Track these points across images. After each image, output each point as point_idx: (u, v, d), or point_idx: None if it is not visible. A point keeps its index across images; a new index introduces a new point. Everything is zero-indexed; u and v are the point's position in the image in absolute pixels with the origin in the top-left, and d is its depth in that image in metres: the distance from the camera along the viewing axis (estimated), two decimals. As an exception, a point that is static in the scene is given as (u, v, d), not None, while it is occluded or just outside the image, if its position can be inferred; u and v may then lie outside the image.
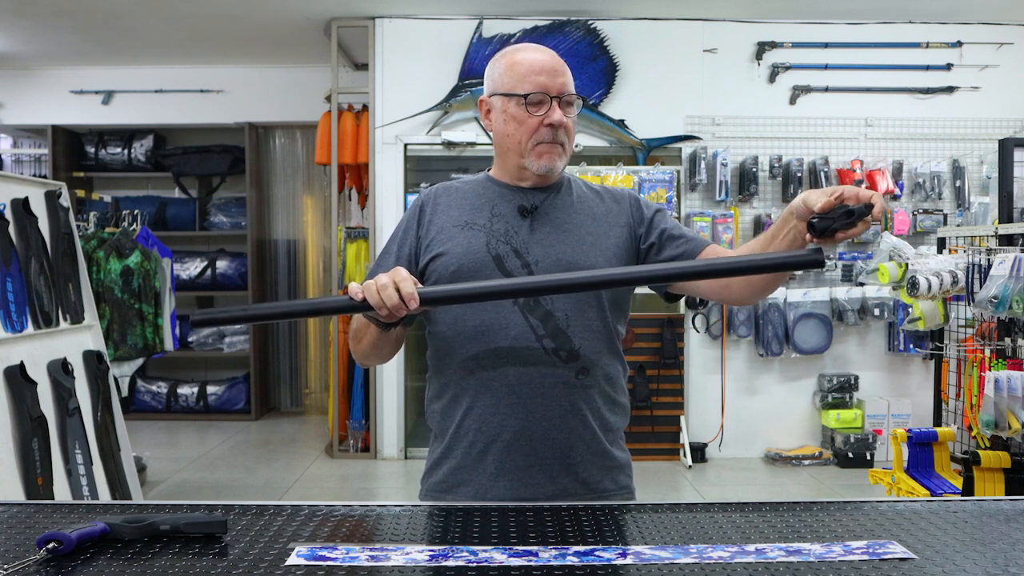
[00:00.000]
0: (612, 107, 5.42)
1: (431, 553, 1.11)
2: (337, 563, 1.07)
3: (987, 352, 3.38)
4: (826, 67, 5.46)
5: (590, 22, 5.36)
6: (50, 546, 1.08)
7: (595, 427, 1.52)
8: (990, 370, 3.20)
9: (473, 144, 5.42)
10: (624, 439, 1.62)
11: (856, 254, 5.36)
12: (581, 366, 1.49)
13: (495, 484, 1.50)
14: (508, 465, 1.49)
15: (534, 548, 1.12)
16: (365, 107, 5.59)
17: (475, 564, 1.06)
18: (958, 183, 5.39)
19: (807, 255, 1.33)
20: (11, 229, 3.13)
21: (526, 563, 1.06)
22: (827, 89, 5.46)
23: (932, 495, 3.19)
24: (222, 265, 6.83)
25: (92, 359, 3.48)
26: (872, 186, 5.30)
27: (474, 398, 1.51)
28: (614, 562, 1.08)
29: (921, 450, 3.44)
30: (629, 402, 1.63)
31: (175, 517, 1.17)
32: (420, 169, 5.69)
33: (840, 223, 1.29)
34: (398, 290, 1.30)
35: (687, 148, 5.43)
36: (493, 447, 1.50)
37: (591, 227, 1.56)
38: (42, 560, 1.07)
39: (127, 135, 6.91)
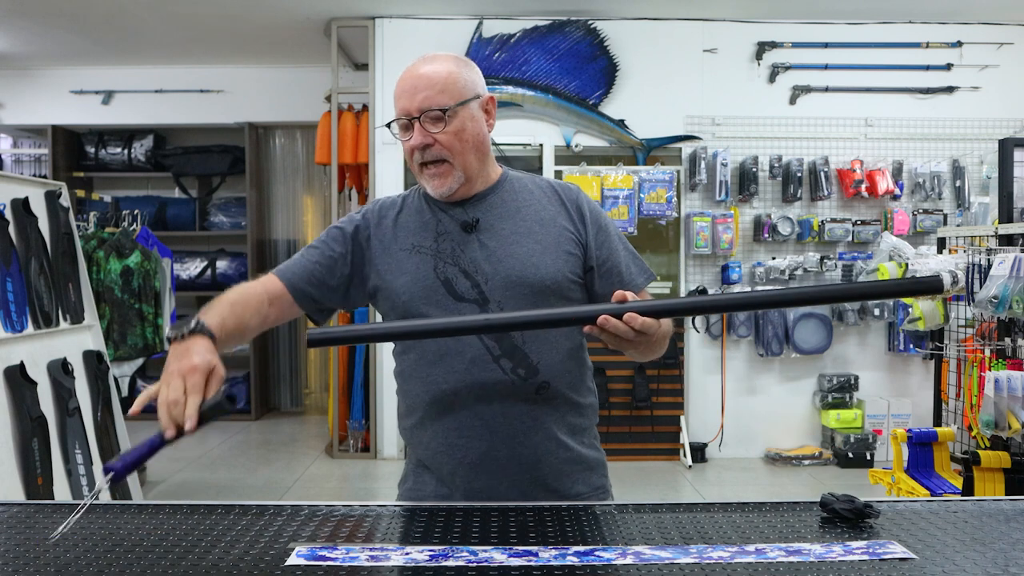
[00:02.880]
0: (612, 107, 5.42)
1: (431, 553, 1.11)
2: (337, 563, 1.07)
3: (987, 352, 3.38)
4: (826, 67, 5.46)
5: (590, 22, 5.36)
6: (111, 475, 1.15)
7: (561, 436, 1.50)
8: (990, 370, 3.20)
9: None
10: (597, 437, 1.59)
11: (856, 254, 5.36)
12: (541, 381, 1.47)
13: (467, 501, 1.48)
14: (477, 485, 1.48)
15: (534, 548, 1.12)
16: (365, 107, 5.59)
17: (475, 564, 1.06)
18: (958, 183, 5.39)
19: (926, 280, 1.35)
20: (11, 229, 3.13)
21: (526, 563, 1.06)
22: (827, 89, 5.46)
23: (932, 495, 3.19)
24: (222, 265, 6.83)
25: (92, 359, 3.48)
26: (872, 186, 5.30)
27: (438, 423, 1.49)
28: (614, 562, 1.08)
29: (921, 450, 3.44)
30: (596, 398, 1.59)
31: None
32: (420, 169, 5.68)
33: None
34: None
35: (687, 148, 5.43)
36: (460, 469, 1.48)
37: (540, 235, 1.51)
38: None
39: (127, 135, 6.91)
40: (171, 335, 1.33)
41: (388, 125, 1.53)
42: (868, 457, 5.22)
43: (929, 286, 1.33)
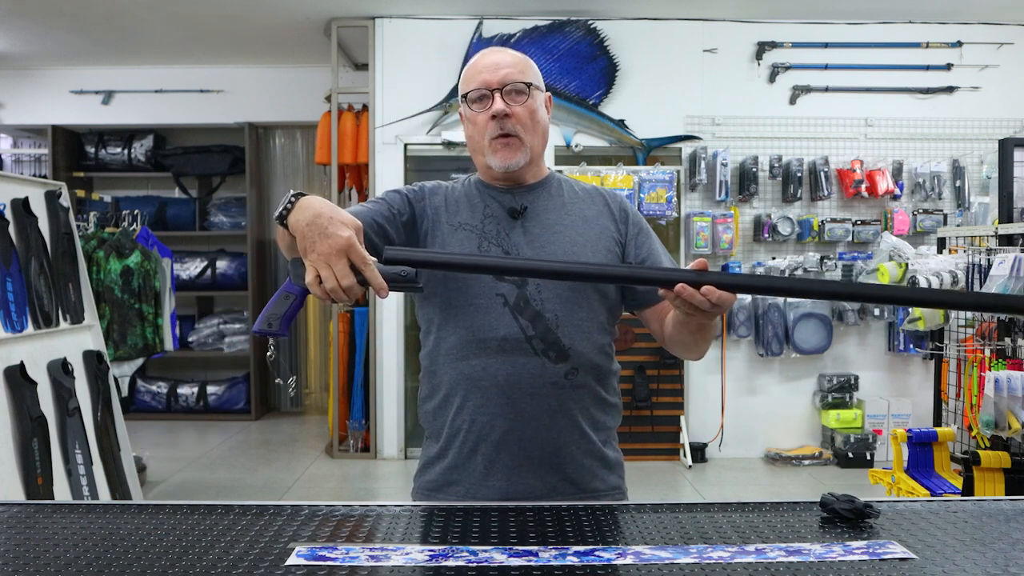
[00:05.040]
0: (612, 107, 5.42)
1: (431, 553, 1.11)
2: (337, 563, 1.07)
3: (987, 352, 3.38)
4: (826, 67, 5.46)
5: (590, 22, 5.36)
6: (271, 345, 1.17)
7: (585, 427, 1.52)
8: (990, 370, 3.20)
9: (473, 144, 5.42)
10: (617, 439, 1.62)
11: (856, 254, 5.36)
12: (571, 366, 1.50)
13: (484, 483, 1.50)
14: (497, 464, 1.50)
15: (534, 548, 1.12)
16: (365, 107, 5.59)
17: (475, 564, 1.06)
18: (958, 183, 5.39)
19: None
20: (11, 229, 3.13)
21: (526, 563, 1.06)
22: (827, 89, 5.46)
23: (932, 495, 3.19)
24: (222, 265, 6.83)
25: (92, 359, 3.48)
26: (872, 186, 5.30)
27: (464, 398, 1.51)
28: (614, 562, 1.08)
29: (921, 450, 3.44)
30: (621, 402, 1.63)
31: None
32: (420, 169, 5.69)
33: None
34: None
35: (687, 148, 5.43)
36: (482, 446, 1.50)
37: (582, 228, 1.57)
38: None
39: (127, 135, 6.91)
40: (282, 211, 1.30)
41: (464, 98, 1.56)
42: (868, 457, 5.22)
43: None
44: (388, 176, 5.44)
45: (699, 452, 5.33)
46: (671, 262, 1.61)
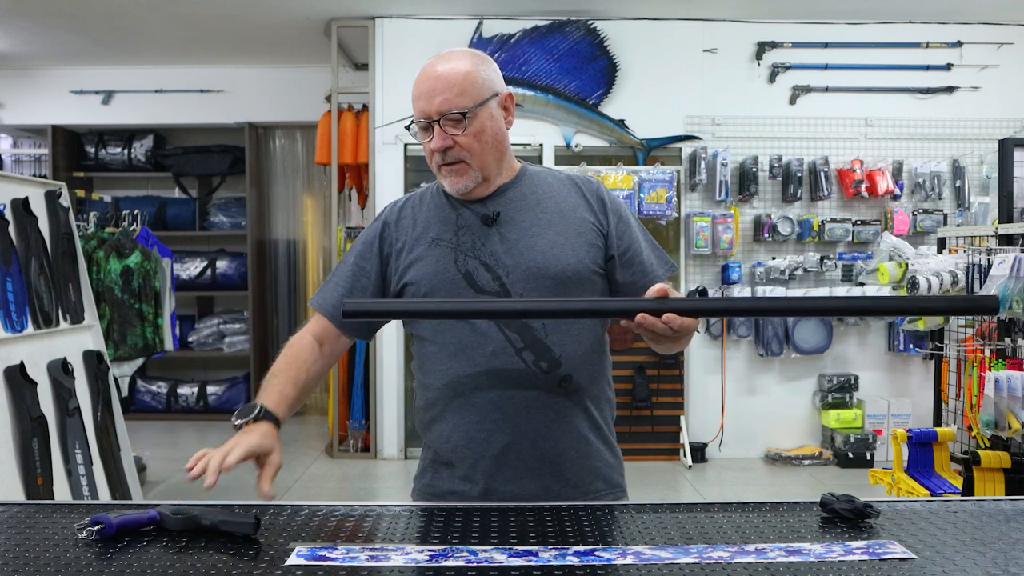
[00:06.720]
0: (612, 107, 5.41)
1: (431, 553, 1.11)
2: (337, 563, 1.07)
3: (987, 352, 3.38)
4: (826, 67, 5.46)
5: (590, 22, 5.36)
6: (97, 528, 1.14)
7: (583, 429, 1.50)
8: (990, 370, 3.20)
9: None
10: (615, 435, 1.59)
11: (856, 254, 5.36)
12: (564, 373, 1.47)
13: (486, 498, 1.47)
14: (499, 478, 1.47)
15: (534, 548, 1.12)
16: (365, 107, 5.60)
17: (475, 564, 1.06)
18: (958, 183, 5.39)
19: (981, 299, 1.32)
20: (11, 229, 3.13)
21: (526, 563, 1.06)
22: (827, 89, 5.46)
23: (932, 495, 3.19)
24: (222, 265, 6.83)
25: (92, 359, 3.48)
26: (872, 186, 5.30)
27: (460, 416, 1.48)
28: (614, 562, 1.08)
29: (921, 450, 3.44)
30: (615, 396, 1.60)
31: (213, 512, 1.19)
32: (420, 169, 5.69)
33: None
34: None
35: (687, 148, 5.43)
36: (482, 462, 1.48)
37: (560, 227, 1.50)
38: (86, 541, 1.15)
39: (127, 135, 6.91)
40: (237, 423, 1.39)
41: (408, 127, 1.53)
42: (868, 457, 5.22)
43: (984, 305, 1.30)
44: (388, 176, 5.45)
45: (699, 452, 5.33)
46: (653, 248, 1.57)
